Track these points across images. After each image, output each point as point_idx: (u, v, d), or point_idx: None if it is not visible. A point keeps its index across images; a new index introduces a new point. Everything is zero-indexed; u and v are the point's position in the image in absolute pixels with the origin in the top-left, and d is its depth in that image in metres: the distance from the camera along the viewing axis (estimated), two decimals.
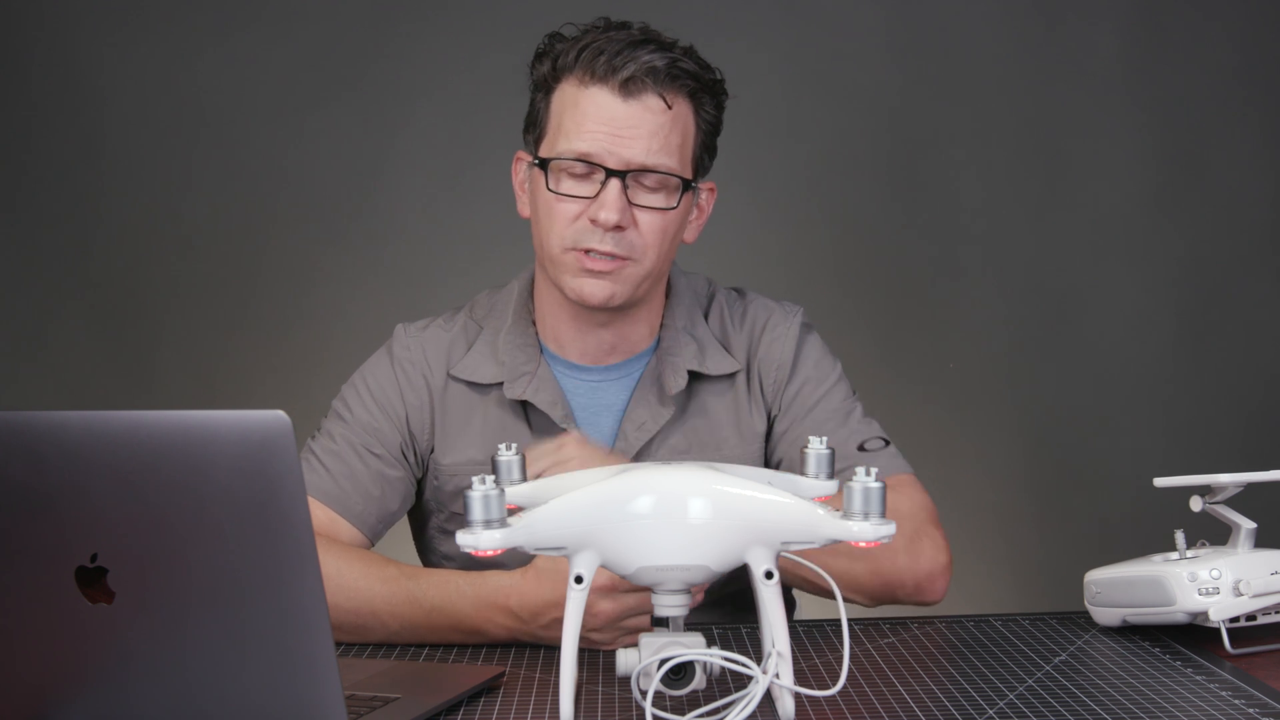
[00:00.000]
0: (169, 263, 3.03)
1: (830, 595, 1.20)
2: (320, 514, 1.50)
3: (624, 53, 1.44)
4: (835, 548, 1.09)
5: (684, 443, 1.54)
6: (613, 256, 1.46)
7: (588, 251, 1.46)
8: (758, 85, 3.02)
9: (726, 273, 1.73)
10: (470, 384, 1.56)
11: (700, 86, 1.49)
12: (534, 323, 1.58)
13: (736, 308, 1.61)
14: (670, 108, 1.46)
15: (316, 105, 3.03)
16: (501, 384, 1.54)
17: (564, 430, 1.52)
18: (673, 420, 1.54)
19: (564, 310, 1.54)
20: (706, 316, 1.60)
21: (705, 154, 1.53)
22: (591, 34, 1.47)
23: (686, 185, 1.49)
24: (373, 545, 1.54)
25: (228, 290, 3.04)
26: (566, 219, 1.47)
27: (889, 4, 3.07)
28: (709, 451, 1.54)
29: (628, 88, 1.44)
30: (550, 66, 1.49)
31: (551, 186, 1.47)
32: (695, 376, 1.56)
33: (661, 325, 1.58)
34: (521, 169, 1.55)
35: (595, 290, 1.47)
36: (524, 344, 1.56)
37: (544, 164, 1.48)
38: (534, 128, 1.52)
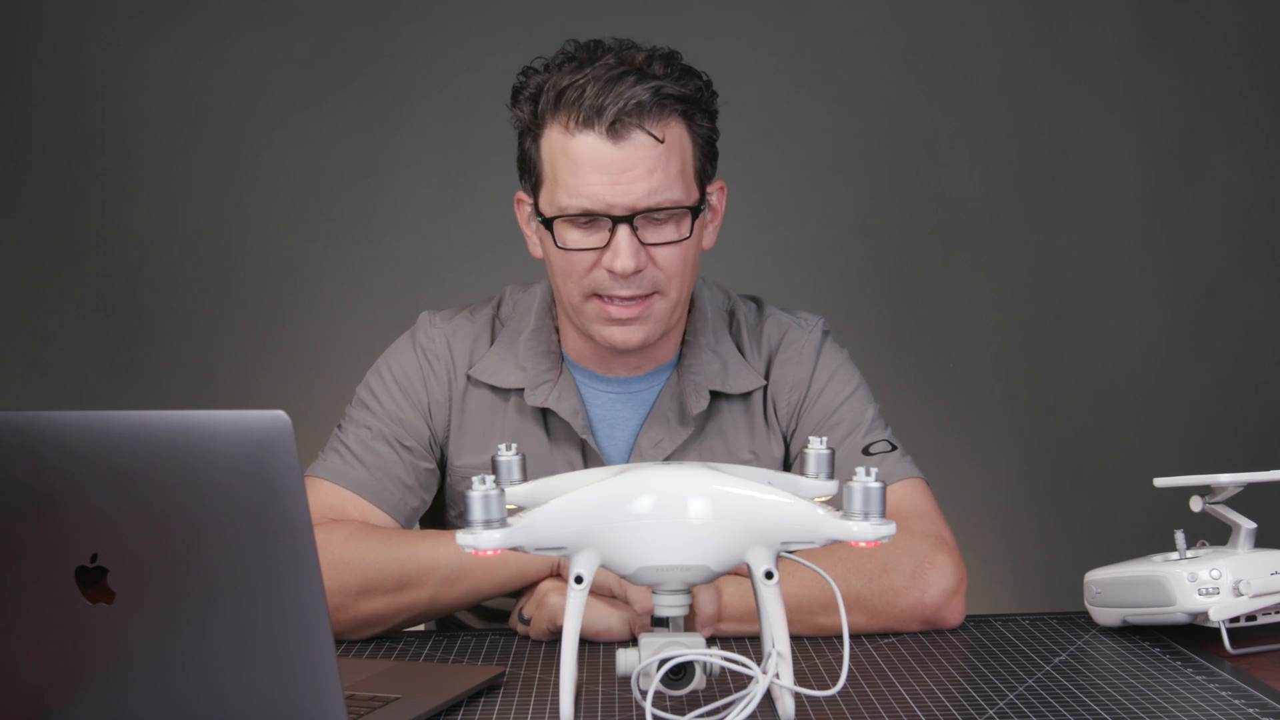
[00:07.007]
0: (169, 263, 3.03)
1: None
2: (359, 506, 1.48)
3: (604, 91, 1.38)
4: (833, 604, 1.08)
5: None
6: (636, 299, 1.43)
7: (609, 298, 1.43)
8: (758, 85, 3.02)
9: (726, 272, 1.73)
10: (490, 387, 1.54)
11: (690, 105, 1.42)
12: (556, 329, 1.56)
13: (754, 325, 1.58)
14: (663, 140, 1.40)
15: (316, 105, 3.02)
16: (522, 390, 1.52)
17: (583, 440, 1.51)
18: (690, 439, 1.52)
19: (586, 339, 1.51)
20: (729, 329, 1.57)
21: (707, 164, 1.47)
22: (567, 70, 1.40)
23: (695, 210, 1.44)
24: None
25: (228, 290, 3.04)
26: (581, 271, 1.43)
27: (889, 4, 3.07)
28: None
29: (616, 130, 1.38)
30: (531, 111, 1.43)
31: (560, 244, 1.43)
32: (715, 395, 1.53)
33: (684, 340, 1.55)
34: (525, 209, 1.51)
35: (627, 337, 1.45)
36: (546, 350, 1.54)
37: (548, 222, 1.44)
38: (529, 173, 1.47)
